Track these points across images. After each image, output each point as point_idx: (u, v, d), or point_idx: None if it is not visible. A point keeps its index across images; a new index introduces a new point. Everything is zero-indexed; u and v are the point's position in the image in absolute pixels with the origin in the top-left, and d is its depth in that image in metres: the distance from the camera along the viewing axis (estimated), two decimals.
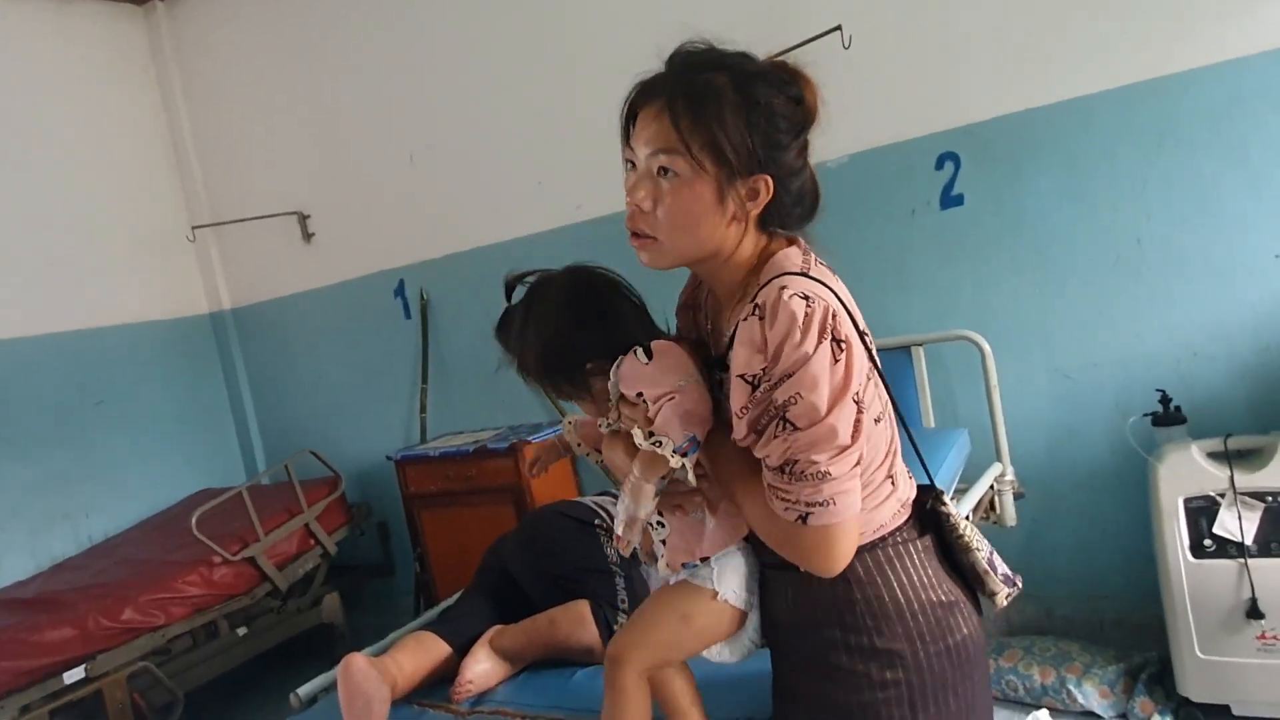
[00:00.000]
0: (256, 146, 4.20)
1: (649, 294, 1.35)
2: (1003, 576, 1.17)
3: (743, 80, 1.08)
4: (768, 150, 1.06)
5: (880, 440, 1.11)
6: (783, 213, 1.11)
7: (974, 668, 1.15)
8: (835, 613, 1.12)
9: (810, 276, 1.05)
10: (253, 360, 4.45)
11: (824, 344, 1.00)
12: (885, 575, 1.11)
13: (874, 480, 1.11)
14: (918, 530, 1.16)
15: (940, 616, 1.12)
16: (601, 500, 2.02)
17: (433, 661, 1.70)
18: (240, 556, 3.18)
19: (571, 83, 3.31)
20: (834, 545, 1.04)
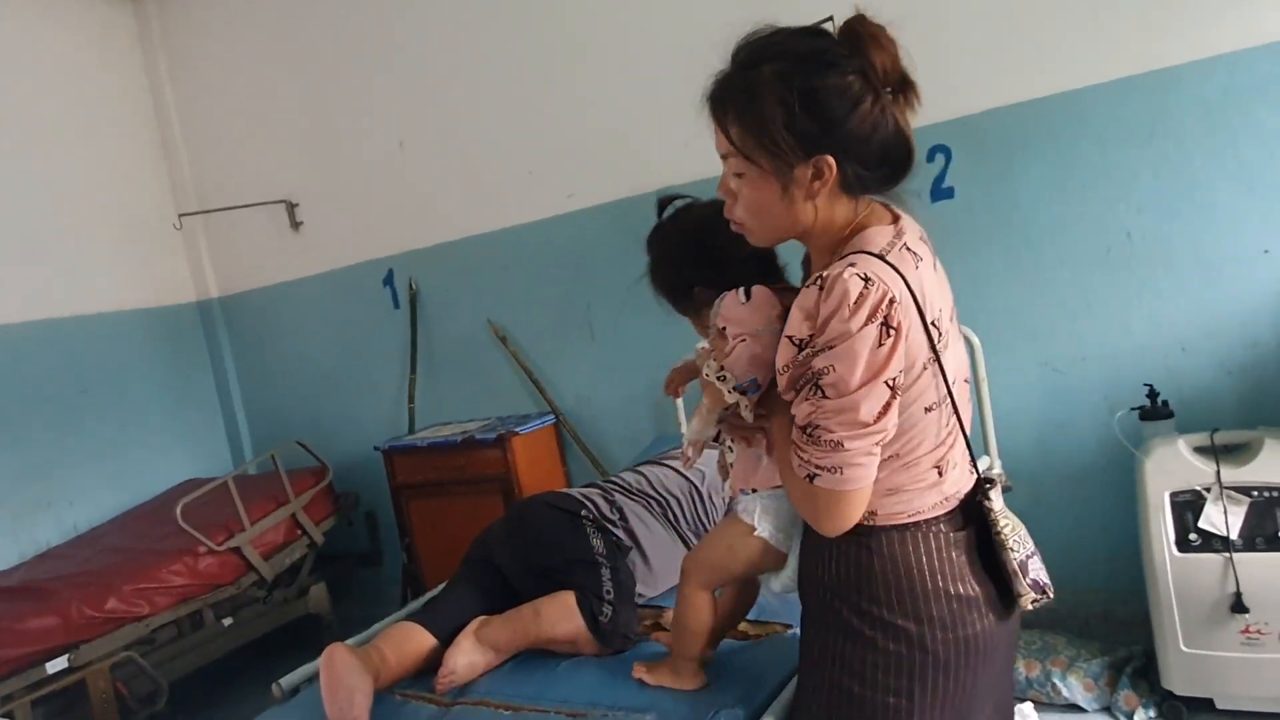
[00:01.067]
0: (244, 134, 4.17)
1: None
2: (1031, 582, 1.18)
3: (790, 68, 1.10)
4: (823, 130, 1.08)
5: (928, 429, 1.13)
6: (863, 179, 1.13)
7: (983, 661, 1.18)
8: (857, 578, 1.17)
9: (886, 260, 1.08)
10: (240, 349, 4.42)
11: (870, 326, 1.04)
12: (909, 557, 1.15)
13: (918, 466, 1.15)
14: (959, 523, 1.18)
15: (954, 607, 1.16)
16: (588, 491, 2.01)
17: (417, 652, 1.70)
18: (226, 546, 3.17)
19: (563, 71, 3.29)
20: (834, 509, 1.12)
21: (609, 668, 1.64)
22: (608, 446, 3.45)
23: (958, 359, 1.18)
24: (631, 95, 3.16)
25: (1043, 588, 1.19)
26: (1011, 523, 1.20)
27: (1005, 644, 1.24)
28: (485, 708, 1.57)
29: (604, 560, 1.78)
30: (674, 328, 3.21)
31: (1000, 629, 1.20)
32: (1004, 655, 1.26)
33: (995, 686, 1.26)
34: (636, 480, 2.07)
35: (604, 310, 3.37)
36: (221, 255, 4.38)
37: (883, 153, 1.12)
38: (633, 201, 3.23)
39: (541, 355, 3.55)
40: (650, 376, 3.28)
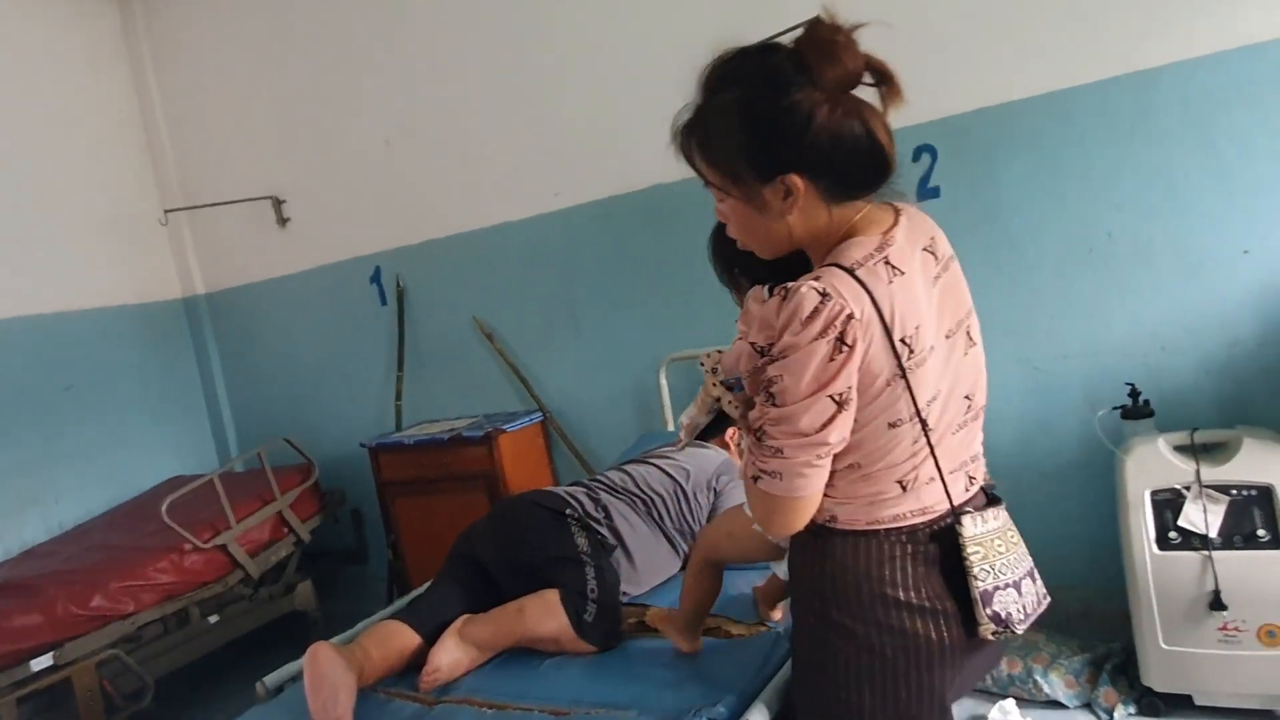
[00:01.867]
0: (230, 129, 4.15)
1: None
2: (991, 614, 1.15)
3: (740, 95, 1.11)
4: (781, 151, 1.09)
5: (892, 445, 1.12)
6: (840, 185, 1.12)
7: (939, 669, 1.17)
8: (819, 579, 1.19)
9: (855, 276, 1.07)
10: (226, 346, 4.41)
11: (821, 340, 1.04)
12: (859, 562, 1.16)
13: (879, 480, 1.14)
14: (924, 538, 1.17)
15: (905, 615, 1.15)
16: (573, 490, 2.02)
17: (401, 650, 1.70)
18: (212, 544, 3.16)
19: (550, 69, 3.29)
20: (775, 513, 1.13)
21: (593, 666, 1.65)
22: (594, 443, 3.46)
23: (952, 376, 1.15)
24: (618, 94, 3.16)
25: (1004, 620, 1.15)
26: (986, 550, 1.17)
27: (977, 661, 1.24)
28: (469, 706, 1.58)
29: (588, 559, 1.79)
30: (659, 325, 3.25)
31: (967, 644, 1.18)
32: (976, 665, 1.25)
33: (963, 688, 1.25)
34: (622, 479, 2.08)
35: (590, 307, 3.38)
36: (207, 251, 4.36)
37: (852, 157, 1.10)
38: (618, 200, 3.24)
39: (528, 352, 3.55)
40: (636, 374, 3.29)
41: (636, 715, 1.45)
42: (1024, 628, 1.18)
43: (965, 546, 1.15)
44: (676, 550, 2.02)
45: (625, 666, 1.62)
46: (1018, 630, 1.17)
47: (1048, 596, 1.26)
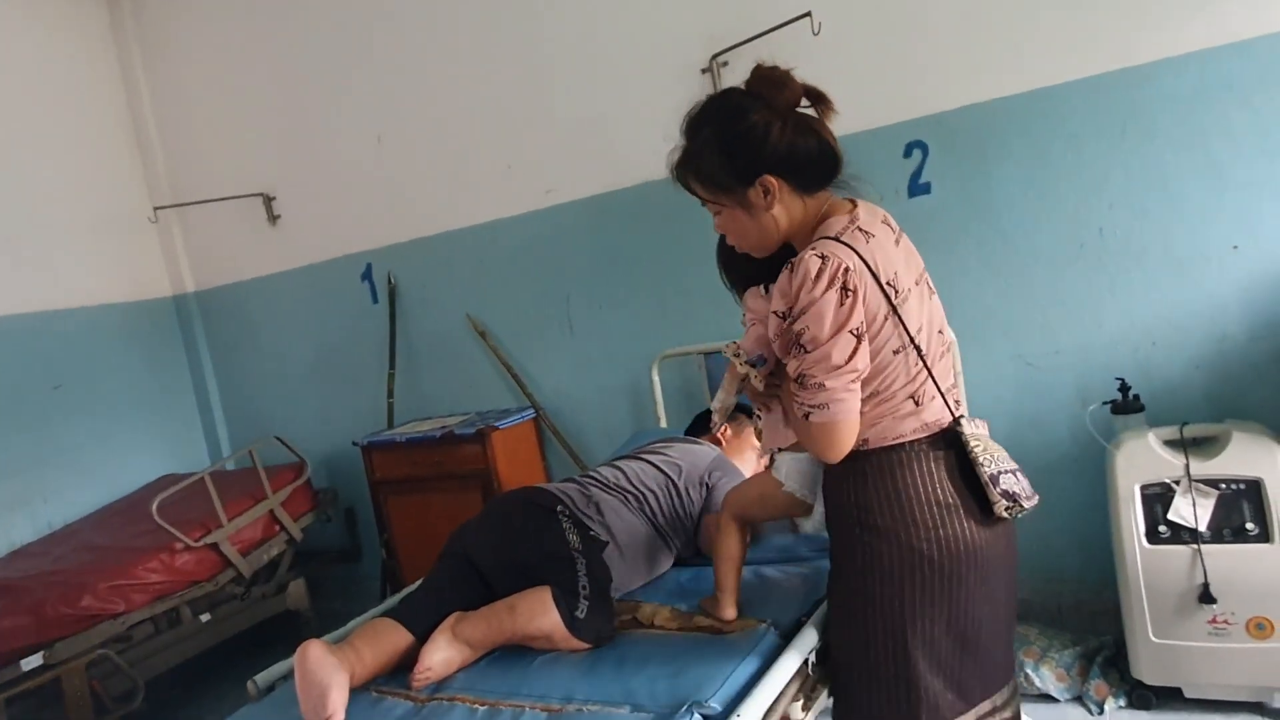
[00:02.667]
0: (220, 126, 4.13)
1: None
2: (1002, 492, 1.40)
3: (719, 125, 1.42)
4: (753, 160, 1.40)
5: (898, 369, 1.40)
6: (806, 180, 1.43)
7: (969, 563, 1.41)
8: (859, 496, 1.44)
9: (841, 240, 1.38)
10: (217, 344, 4.39)
11: (831, 291, 1.33)
12: (895, 471, 1.42)
13: (894, 399, 1.41)
14: (940, 446, 1.43)
15: (937, 512, 1.40)
16: (565, 487, 2.01)
17: (392, 648, 1.69)
18: (203, 543, 3.15)
19: (542, 66, 3.28)
20: (830, 438, 1.38)
21: (585, 662, 1.65)
22: (586, 440, 3.46)
23: (927, 314, 1.43)
24: (609, 91, 3.16)
25: (1013, 496, 1.41)
26: (985, 444, 1.43)
27: (996, 555, 1.45)
28: (461, 703, 1.57)
29: (580, 555, 1.79)
30: (652, 322, 3.25)
31: (986, 535, 1.43)
32: (997, 567, 1.46)
33: (991, 598, 1.46)
34: (614, 475, 2.08)
35: (582, 304, 3.37)
36: (198, 249, 4.34)
37: (809, 157, 1.41)
38: (610, 197, 3.23)
39: (520, 349, 3.55)
40: (629, 370, 3.29)
41: (630, 711, 1.45)
42: (1030, 504, 1.43)
43: (969, 442, 1.41)
44: (669, 546, 2.02)
45: (618, 663, 1.61)
46: (1025, 505, 1.42)
47: (1036, 494, 1.48)
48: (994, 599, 1.47)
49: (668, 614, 1.80)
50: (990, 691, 1.51)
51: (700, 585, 1.91)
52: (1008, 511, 1.40)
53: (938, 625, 1.43)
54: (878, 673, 1.45)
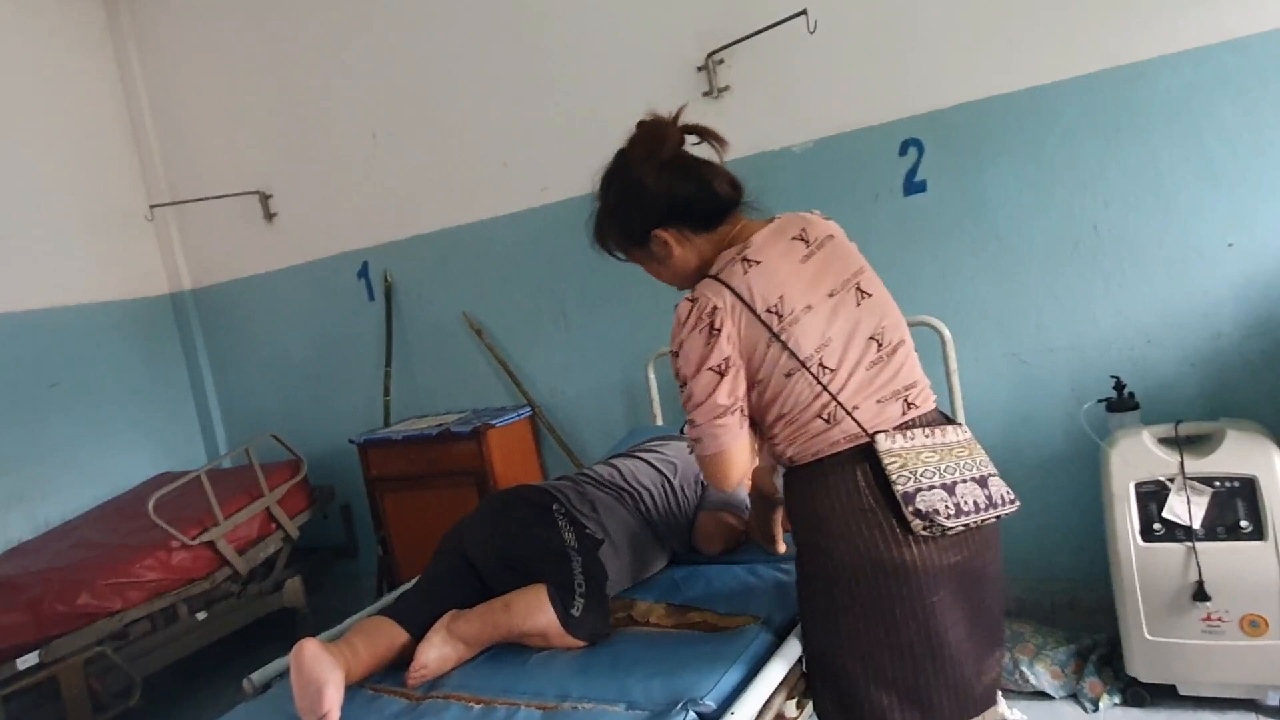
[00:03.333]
0: (216, 124, 4.12)
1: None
2: (913, 511, 1.35)
3: (608, 195, 1.55)
4: (640, 218, 1.50)
5: (795, 390, 1.41)
6: (701, 221, 1.50)
7: (894, 574, 1.37)
8: (797, 511, 1.49)
9: (719, 279, 1.44)
10: (214, 342, 4.38)
11: (696, 331, 1.41)
12: (815, 484, 1.43)
13: (802, 418, 1.42)
14: (862, 459, 1.40)
15: (855, 523, 1.38)
16: (560, 484, 2.01)
17: (388, 646, 1.70)
18: (199, 540, 3.15)
19: (537, 64, 3.28)
20: (713, 468, 1.46)
21: (581, 660, 1.65)
22: (582, 438, 3.46)
23: (842, 325, 1.42)
24: (606, 89, 3.16)
25: (926, 515, 1.34)
26: (905, 460, 1.37)
27: (944, 567, 1.38)
28: (456, 701, 1.57)
29: (575, 553, 1.79)
30: (647, 320, 3.25)
31: (923, 549, 1.37)
32: (947, 580, 1.39)
33: (946, 612, 1.39)
34: (609, 473, 2.08)
35: (578, 302, 3.38)
36: (194, 247, 4.34)
37: (690, 201, 1.48)
38: None
39: (516, 347, 3.55)
40: (624, 368, 3.29)
41: (625, 709, 1.45)
42: (961, 521, 1.36)
43: (883, 459, 1.37)
44: (663, 544, 2.02)
45: (613, 660, 1.62)
46: (948, 524, 1.35)
47: (1011, 499, 1.45)
48: (951, 614, 1.40)
49: (662, 611, 1.80)
50: (967, 713, 1.44)
51: (695, 583, 1.92)
52: (926, 530, 1.35)
53: (873, 637, 1.39)
54: (826, 681, 1.47)
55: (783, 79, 2.84)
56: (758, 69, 2.87)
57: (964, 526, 1.37)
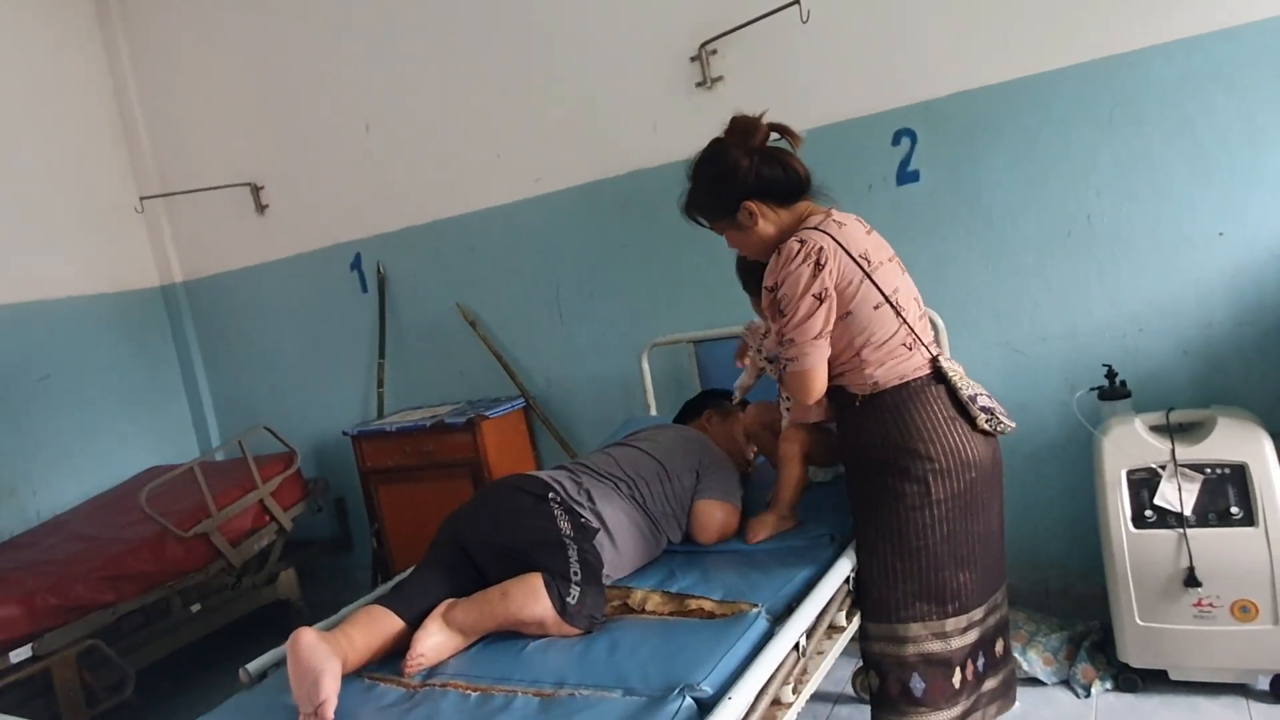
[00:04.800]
0: (207, 115, 4.10)
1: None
2: (981, 408, 1.73)
3: (700, 175, 1.85)
4: (732, 191, 1.80)
5: (882, 320, 1.72)
6: (782, 197, 1.81)
7: (973, 468, 1.73)
8: (874, 428, 1.75)
9: (817, 229, 1.74)
10: (206, 335, 4.37)
11: (805, 264, 1.69)
12: (908, 404, 1.72)
13: (889, 344, 1.73)
14: (936, 379, 1.75)
15: (944, 429, 1.71)
16: (556, 474, 2.01)
17: (384, 635, 1.69)
18: (192, 533, 3.14)
19: (531, 53, 3.27)
20: (802, 384, 1.77)
21: (578, 647, 1.66)
22: (577, 429, 3.46)
23: (901, 283, 1.78)
24: (599, 79, 3.15)
25: (990, 410, 1.75)
26: (960, 374, 1.77)
27: (994, 464, 1.79)
28: (453, 689, 1.57)
29: (571, 541, 1.79)
30: (642, 311, 3.25)
31: (982, 447, 1.75)
32: (994, 476, 1.79)
33: (991, 504, 1.79)
34: (605, 462, 2.08)
35: (573, 293, 3.37)
36: (185, 239, 4.32)
37: (777, 181, 1.79)
38: (600, 185, 3.23)
39: (511, 338, 3.55)
40: (619, 358, 3.29)
41: (622, 695, 1.45)
42: (1008, 421, 1.77)
43: (948, 372, 1.74)
44: (660, 533, 2.02)
45: (610, 647, 1.62)
46: (1002, 419, 1.76)
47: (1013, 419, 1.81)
48: (993, 506, 1.79)
49: (659, 599, 1.81)
50: (995, 588, 1.83)
51: (691, 571, 1.92)
52: (988, 424, 1.73)
53: (959, 525, 1.72)
54: (913, 574, 1.73)
55: (775, 69, 2.83)
56: (750, 59, 2.87)
57: (1005, 427, 1.76)
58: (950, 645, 1.74)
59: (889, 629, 1.74)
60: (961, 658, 1.75)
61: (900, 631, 1.73)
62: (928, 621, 1.73)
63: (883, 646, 1.74)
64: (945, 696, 1.72)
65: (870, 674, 1.77)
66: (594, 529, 1.88)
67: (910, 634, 1.73)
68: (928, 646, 1.73)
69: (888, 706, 1.74)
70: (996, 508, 1.82)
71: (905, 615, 1.73)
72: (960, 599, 1.74)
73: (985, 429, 1.73)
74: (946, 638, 1.74)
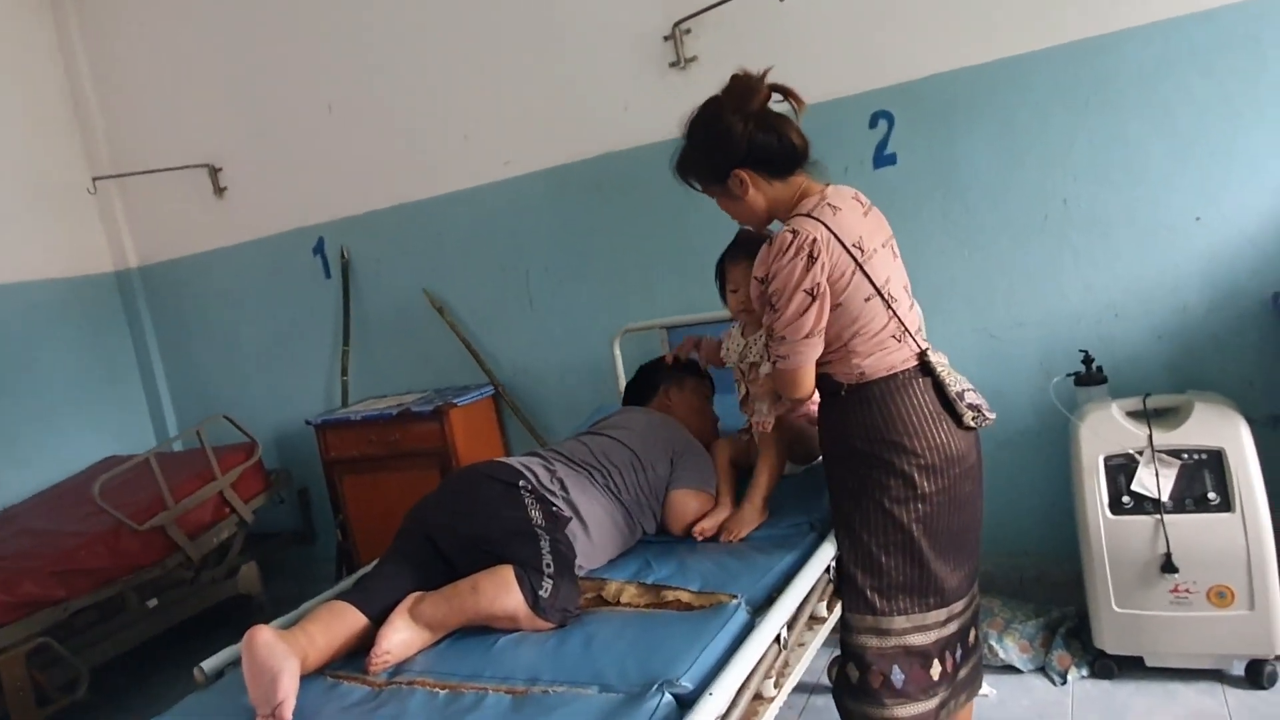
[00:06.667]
0: (162, 92, 3.95)
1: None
2: (968, 405, 1.67)
3: (693, 137, 1.74)
4: (725, 157, 1.69)
5: (873, 312, 1.64)
6: (775, 169, 1.70)
7: (956, 464, 1.67)
8: (859, 419, 1.69)
9: (811, 216, 1.63)
10: (163, 321, 4.23)
11: (798, 258, 1.59)
12: (894, 396, 1.66)
13: (879, 336, 1.65)
14: (924, 373, 1.68)
15: (930, 424, 1.65)
16: (528, 461, 1.95)
17: (348, 631, 1.62)
18: (148, 526, 3.03)
19: (500, 32, 3.18)
20: (791, 382, 1.70)
21: (551, 642, 1.59)
22: (547, 418, 3.40)
23: (894, 271, 1.71)
24: (570, 59, 3.08)
25: (977, 407, 1.69)
26: (949, 370, 1.71)
27: (976, 460, 1.74)
28: (421, 687, 1.51)
29: (543, 532, 1.73)
30: (613, 297, 3.19)
31: (965, 442, 1.69)
32: (976, 471, 1.74)
33: (974, 499, 1.75)
34: (578, 450, 2.02)
35: (543, 278, 3.30)
36: (140, 222, 4.18)
37: (771, 151, 1.67)
38: (570, 168, 3.16)
39: (479, 325, 3.47)
40: (590, 345, 3.23)
41: (598, 692, 1.39)
42: (991, 416, 1.71)
43: (935, 367, 1.68)
44: (633, 522, 1.96)
45: (585, 642, 1.56)
46: (987, 415, 1.70)
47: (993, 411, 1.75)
48: (975, 499, 1.75)
49: (634, 591, 1.75)
50: (975, 579, 1.81)
51: (667, 561, 1.87)
52: (974, 421, 1.68)
53: (942, 520, 1.68)
54: (896, 568, 1.68)
55: (751, 49, 2.77)
56: (725, 39, 2.81)
57: (988, 421, 1.71)
58: (930, 637, 1.70)
59: (872, 621, 1.70)
60: (940, 649, 1.72)
61: (884, 624, 1.69)
62: (911, 614, 1.69)
63: (865, 639, 1.70)
64: (924, 688, 1.69)
65: (849, 665, 1.73)
66: (566, 518, 1.82)
67: (894, 627, 1.69)
68: (910, 639, 1.69)
69: (868, 698, 1.70)
70: (978, 500, 1.78)
71: (889, 608, 1.69)
72: (943, 592, 1.71)
73: (970, 425, 1.69)
74: (928, 630, 1.70)
